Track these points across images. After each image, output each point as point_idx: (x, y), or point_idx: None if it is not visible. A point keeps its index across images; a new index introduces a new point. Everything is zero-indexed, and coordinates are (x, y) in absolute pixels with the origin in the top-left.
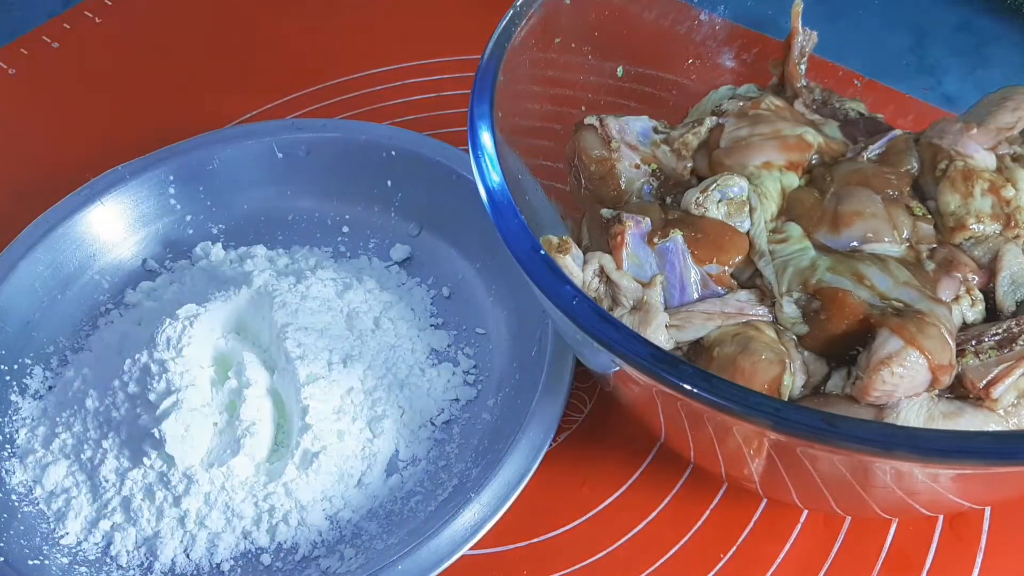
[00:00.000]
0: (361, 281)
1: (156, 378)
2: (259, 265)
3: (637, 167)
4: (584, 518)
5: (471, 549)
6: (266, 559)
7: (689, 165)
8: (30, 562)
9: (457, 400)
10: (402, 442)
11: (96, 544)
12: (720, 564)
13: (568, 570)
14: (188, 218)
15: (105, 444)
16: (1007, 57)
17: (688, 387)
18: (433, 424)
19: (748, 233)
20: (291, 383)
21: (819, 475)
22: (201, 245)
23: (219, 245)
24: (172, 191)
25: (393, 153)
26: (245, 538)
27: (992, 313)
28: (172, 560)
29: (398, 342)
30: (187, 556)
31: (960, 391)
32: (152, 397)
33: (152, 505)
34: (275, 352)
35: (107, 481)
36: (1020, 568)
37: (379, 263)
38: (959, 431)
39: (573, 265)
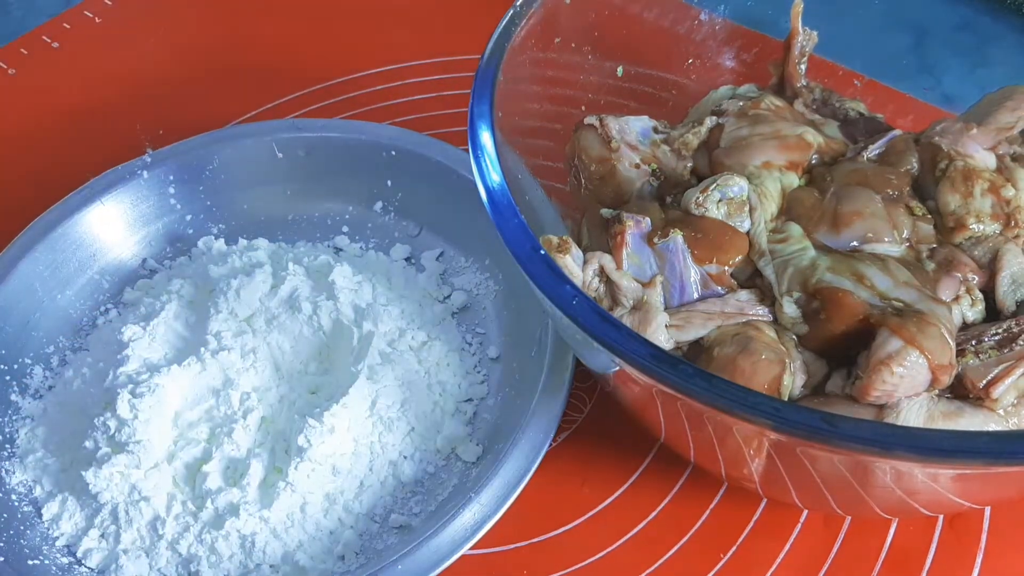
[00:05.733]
0: (371, 280)
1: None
2: (260, 259)
3: (637, 167)
4: (584, 518)
5: (471, 549)
6: (265, 569)
7: (689, 165)
8: (30, 562)
9: (457, 399)
10: (403, 441)
11: (93, 548)
12: (720, 564)
13: (568, 570)
14: (188, 218)
15: (103, 448)
16: (1007, 57)
17: (688, 387)
18: (433, 423)
19: (748, 233)
20: (295, 379)
21: (819, 475)
22: (203, 240)
23: (221, 240)
24: (172, 191)
25: (393, 153)
26: (243, 543)
27: (992, 313)
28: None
29: (398, 341)
30: (188, 566)
31: (960, 391)
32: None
33: (153, 513)
34: (275, 344)
35: (105, 484)
36: (1020, 568)
37: (386, 259)
38: (959, 431)
39: (573, 265)
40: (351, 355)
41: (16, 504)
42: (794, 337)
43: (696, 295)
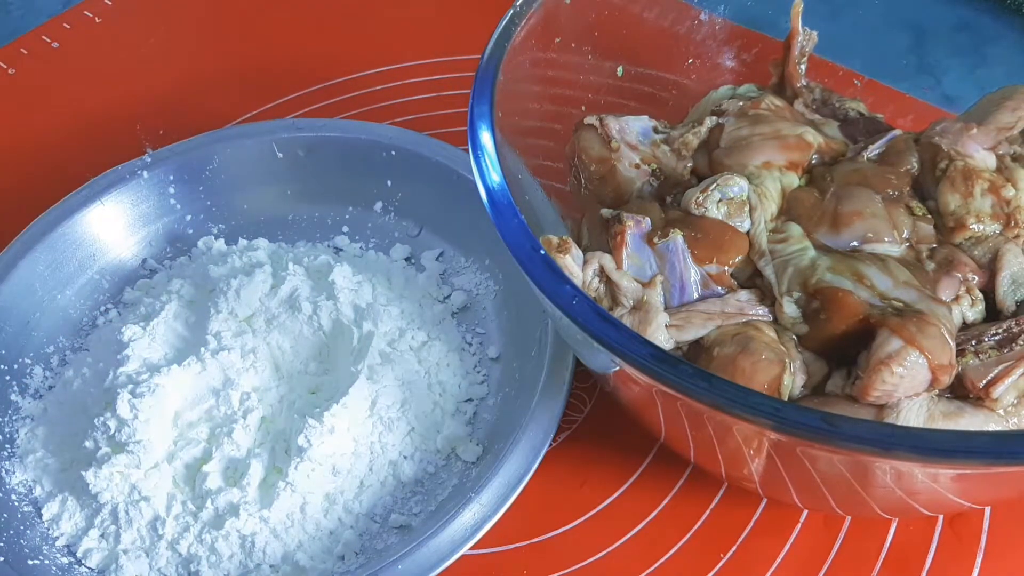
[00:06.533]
0: (371, 280)
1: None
2: (259, 258)
3: (637, 167)
4: (584, 518)
5: (471, 549)
6: (265, 569)
7: (689, 165)
8: (30, 562)
9: (457, 399)
10: (403, 441)
11: (93, 548)
12: (720, 564)
13: (568, 570)
14: (188, 218)
15: (103, 448)
16: (1007, 57)
17: (688, 387)
18: (433, 423)
19: (748, 233)
20: (295, 379)
21: (819, 475)
22: (203, 240)
23: (221, 240)
24: (172, 191)
25: (393, 153)
26: (243, 543)
27: (992, 313)
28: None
29: (398, 341)
30: (188, 566)
31: (960, 391)
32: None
33: (153, 513)
34: (276, 345)
35: (105, 484)
36: (1020, 568)
37: (386, 259)
38: (959, 431)
39: (573, 265)
40: (351, 355)
41: (16, 504)
42: (794, 337)
43: (696, 295)
